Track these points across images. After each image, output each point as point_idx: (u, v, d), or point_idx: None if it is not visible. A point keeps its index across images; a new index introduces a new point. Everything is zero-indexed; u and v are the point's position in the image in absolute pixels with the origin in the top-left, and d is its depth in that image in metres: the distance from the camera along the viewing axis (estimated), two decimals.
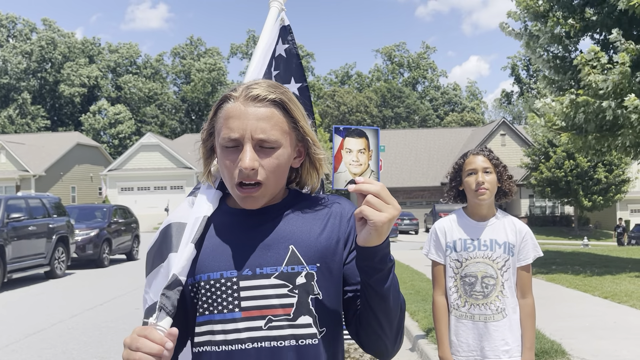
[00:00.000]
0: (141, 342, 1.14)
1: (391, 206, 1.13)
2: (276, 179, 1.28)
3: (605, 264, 13.26)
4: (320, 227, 1.31)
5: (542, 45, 12.17)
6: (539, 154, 32.70)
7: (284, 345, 1.22)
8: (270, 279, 1.24)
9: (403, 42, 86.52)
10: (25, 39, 70.81)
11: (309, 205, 1.35)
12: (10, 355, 6.24)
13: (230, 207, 1.36)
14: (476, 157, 2.56)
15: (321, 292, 1.26)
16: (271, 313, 1.23)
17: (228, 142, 1.25)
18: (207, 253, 1.29)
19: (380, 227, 1.12)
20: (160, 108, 72.11)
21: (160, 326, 1.19)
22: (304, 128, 1.30)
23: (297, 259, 1.26)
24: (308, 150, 1.33)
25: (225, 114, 1.26)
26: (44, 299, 10.25)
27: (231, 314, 1.24)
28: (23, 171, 40.20)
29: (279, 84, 1.32)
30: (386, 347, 1.29)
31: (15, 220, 11.71)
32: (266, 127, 1.23)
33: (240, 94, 1.27)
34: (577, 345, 5.86)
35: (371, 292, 1.21)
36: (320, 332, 1.26)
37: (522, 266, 2.60)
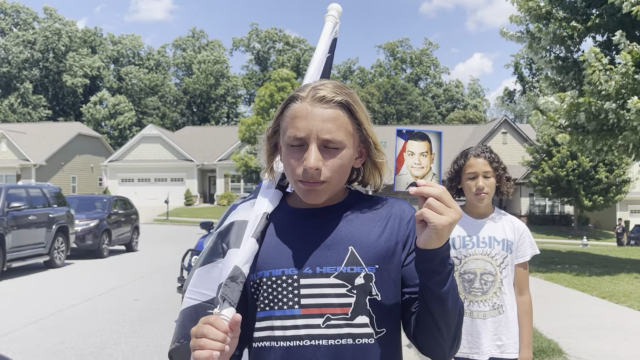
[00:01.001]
0: (206, 329, 1.17)
1: (452, 209, 1.14)
2: (339, 178, 1.31)
3: (604, 264, 13.28)
4: (380, 229, 1.34)
5: (544, 47, 12.16)
6: (542, 151, 32.67)
7: (341, 343, 1.25)
8: (330, 279, 1.28)
9: (406, 38, 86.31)
10: (29, 28, 70.68)
11: (369, 207, 1.38)
12: (9, 344, 6.26)
13: (291, 207, 1.40)
14: (477, 160, 2.56)
15: (380, 294, 1.29)
16: (330, 312, 1.26)
17: (294, 141, 1.28)
18: (269, 250, 1.33)
19: (441, 230, 1.13)
20: (162, 100, 72.03)
21: (224, 315, 1.23)
22: (367, 130, 1.33)
23: (357, 260, 1.29)
24: (370, 150, 1.36)
25: (292, 114, 1.30)
26: (43, 288, 10.27)
27: (291, 311, 1.28)
28: (24, 160, 40.22)
29: (345, 86, 1.36)
30: (443, 350, 1.30)
31: (15, 210, 11.72)
32: (332, 128, 1.27)
33: (307, 94, 1.30)
34: (574, 344, 5.87)
35: (430, 294, 1.23)
36: (377, 333, 1.28)
37: (519, 263, 2.63)
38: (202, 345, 1.16)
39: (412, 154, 1.18)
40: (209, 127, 56.60)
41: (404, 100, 74.07)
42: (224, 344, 1.17)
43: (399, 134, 1.19)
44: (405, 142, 1.18)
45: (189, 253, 7.69)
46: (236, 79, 76.45)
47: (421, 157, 1.19)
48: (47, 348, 6.14)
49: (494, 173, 2.56)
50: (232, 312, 1.25)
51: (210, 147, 44.72)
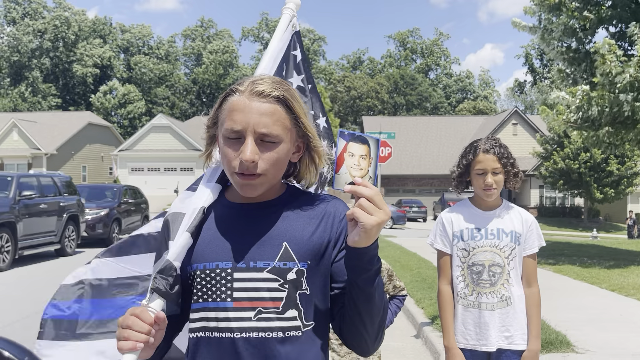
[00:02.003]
0: (131, 320, 1.21)
1: (382, 211, 1.18)
2: (275, 172, 1.33)
3: (614, 257, 13.21)
4: (314, 227, 1.37)
5: (555, 38, 12.05)
6: (553, 143, 32.43)
7: (271, 336, 1.29)
8: (263, 273, 1.31)
9: (417, 28, 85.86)
10: (39, 17, 70.92)
11: (305, 204, 1.41)
12: (20, 332, 6.33)
13: (229, 201, 1.43)
14: (486, 156, 2.55)
15: (309, 288, 1.33)
16: (261, 305, 1.29)
17: (231, 134, 1.30)
18: (205, 244, 1.36)
19: (369, 230, 1.17)
20: (171, 89, 72.15)
21: (151, 308, 1.26)
22: (304, 124, 1.35)
23: (290, 256, 1.32)
24: (308, 144, 1.39)
25: (230, 107, 1.32)
26: (54, 276, 10.37)
27: (223, 303, 1.31)
28: (35, 149, 40.49)
29: (284, 81, 1.38)
30: (367, 344, 1.35)
31: (26, 198, 11.82)
32: (268, 122, 1.29)
33: (245, 88, 1.32)
34: (582, 337, 5.86)
35: (357, 291, 1.27)
36: (305, 326, 1.32)
37: (528, 255, 2.62)
38: (126, 336, 1.19)
39: (353, 155, 1.22)
40: None
41: (414, 91, 73.69)
42: (149, 336, 1.20)
43: (341, 135, 1.22)
44: (347, 144, 1.22)
45: None
46: (245, 69, 76.39)
47: (360, 159, 1.23)
48: None
49: (503, 169, 2.56)
50: (160, 305, 1.29)
51: None
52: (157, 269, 1.34)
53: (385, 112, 69.14)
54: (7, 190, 11.59)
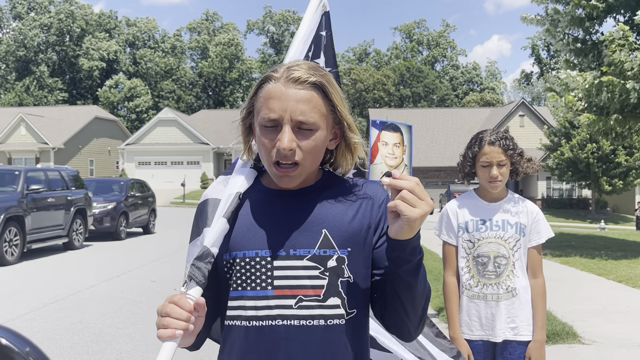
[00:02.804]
0: (170, 307, 1.19)
1: (424, 202, 1.15)
2: (312, 160, 1.31)
3: (621, 248, 13.17)
4: (353, 212, 1.35)
5: (562, 29, 11.95)
6: (560, 134, 32.25)
7: (312, 324, 1.28)
8: (303, 261, 1.29)
9: (423, 19, 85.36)
10: (45, 11, 71.03)
11: (343, 190, 1.39)
12: (29, 323, 6.39)
13: (265, 187, 1.40)
14: (491, 148, 2.54)
15: (352, 276, 1.31)
16: (302, 293, 1.28)
17: (267, 122, 1.28)
18: (243, 231, 1.34)
19: (413, 222, 1.14)
20: (177, 83, 72.17)
21: (189, 294, 1.24)
22: (341, 112, 1.33)
23: (330, 243, 1.30)
24: (344, 133, 1.36)
25: (266, 94, 1.29)
26: (62, 269, 10.44)
27: (264, 292, 1.29)
28: (42, 144, 40.68)
29: (320, 67, 1.35)
30: (409, 331, 1.33)
31: (34, 192, 11.89)
32: (305, 109, 1.27)
33: (281, 75, 1.30)
34: (589, 328, 5.85)
35: (399, 281, 1.25)
36: (348, 314, 1.30)
37: (533, 246, 2.62)
38: (165, 324, 1.18)
39: (386, 144, 1.20)
40: (224, 111, 56.70)
41: (420, 83, 73.41)
42: (188, 323, 1.18)
43: (373, 124, 1.20)
44: (379, 133, 1.19)
45: None
46: (251, 62, 76.30)
47: (394, 148, 1.20)
48: (66, 327, 6.26)
49: (509, 160, 2.55)
50: (199, 292, 1.26)
51: (226, 131, 44.80)
52: (194, 255, 1.32)
53: (391, 105, 68.94)
54: (15, 185, 11.66)
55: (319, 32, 1.85)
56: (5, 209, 10.88)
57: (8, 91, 66.26)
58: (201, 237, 1.38)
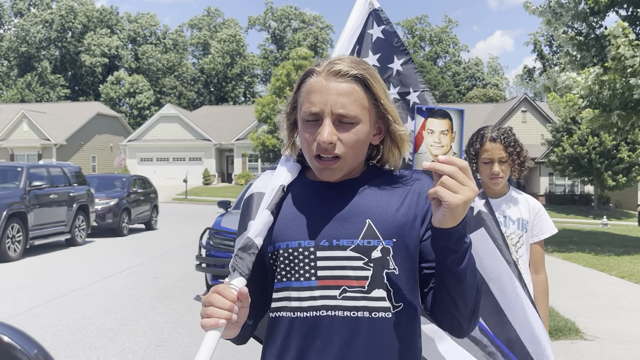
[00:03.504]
0: (213, 297, 1.19)
1: (467, 187, 1.11)
2: (354, 154, 1.30)
3: (624, 244, 13.15)
4: (398, 203, 1.32)
5: (565, 23, 11.91)
6: (561, 130, 32.19)
7: (357, 316, 1.25)
8: (347, 251, 1.27)
9: (425, 15, 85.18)
10: (45, 7, 71.01)
11: (388, 181, 1.37)
12: (32, 319, 6.41)
13: (309, 179, 1.40)
14: (493, 145, 2.54)
15: (398, 268, 1.28)
16: (346, 284, 1.26)
17: (309, 116, 1.28)
18: (286, 222, 1.34)
19: (454, 209, 1.11)
20: (179, 79, 72.15)
21: (232, 285, 1.24)
22: (384, 105, 1.30)
23: (374, 233, 1.28)
24: (389, 127, 1.34)
25: (308, 88, 1.29)
26: (65, 265, 10.46)
27: (307, 282, 1.28)
28: (45, 140, 40.72)
29: (362, 60, 1.34)
30: (460, 326, 1.29)
31: (37, 188, 11.90)
32: (346, 102, 1.26)
33: (323, 69, 1.30)
34: (591, 324, 5.85)
35: (446, 272, 1.22)
36: (395, 307, 1.27)
37: (535, 242, 2.62)
38: (209, 313, 1.18)
39: (432, 132, 1.15)
40: (226, 107, 56.67)
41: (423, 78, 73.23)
42: (231, 312, 1.18)
43: (418, 112, 1.15)
44: (425, 120, 1.15)
45: (207, 231, 7.76)
46: (252, 58, 76.21)
47: (441, 136, 1.15)
48: (68, 324, 6.28)
49: (509, 158, 2.54)
50: (242, 282, 1.26)
51: (228, 127, 44.83)
52: (238, 246, 1.32)
53: None
54: (17, 181, 11.67)
55: (366, 31, 1.85)
56: (8, 206, 10.90)
57: (10, 87, 66.30)
58: (247, 230, 1.38)
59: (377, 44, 1.85)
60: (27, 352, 1.16)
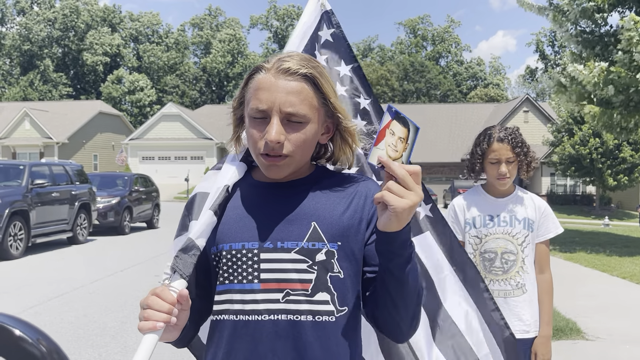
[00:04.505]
0: (151, 300, 1.17)
1: (413, 192, 1.11)
2: (302, 153, 1.28)
3: (625, 244, 13.14)
4: (344, 206, 1.30)
5: (570, 20, 11.86)
6: (563, 130, 32.16)
7: (300, 319, 1.23)
8: (291, 254, 1.25)
9: (427, 14, 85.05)
10: (49, 6, 71.06)
11: (335, 183, 1.34)
12: (34, 317, 6.41)
13: (255, 180, 1.37)
14: (500, 145, 2.53)
15: (342, 271, 1.26)
16: (289, 287, 1.24)
17: (256, 113, 1.25)
18: (230, 223, 1.31)
19: (400, 214, 1.10)
20: (181, 78, 72.17)
21: (172, 287, 1.21)
22: (334, 104, 1.29)
23: (319, 236, 1.26)
24: (338, 125, 1.33)
25: (256, 85, 1.27)
26: (66, 264, 10.48)
27: (250, 285, 1.25)
28: (47, 138, 40.74)
29: (312, 58, 1.32)
30: (401, 330, 1.29)
31: (39, 187, 11.92)
32: (295, 101, 1.23)
33: (272, 65, 1.27)
34: (592, 324, 5.85)
35: (390, 276, 1.21)
36: (338, 311, 1.25)
37: (540, 242, 2.61)
38: (146, 316, 1.16)
39: (393, 134, 1.17)
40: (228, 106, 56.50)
41: (423, 78, 73.22)
42: (170, 315, 1.16)
43: (388, 110, 1.17)
44: (391, 120, 1.17)
45: None
46: (254, 57, 76.20)
47: (398, 141, 1.17)
48: (70, 322, 6.29)
49: (516, 158, 2.54)
50: (183, 285, 1.23)
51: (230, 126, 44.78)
52: (179, 247, 1.29)
53: (395, 100, 68.81)
54: (19, 179, 11.69)
55: (316, 32, 1.84)
56: (10, 204, 10.91)
57: (12, 86, 66.37)
58: (188, 231, 1.36)
59: (326, 46, 1.85)
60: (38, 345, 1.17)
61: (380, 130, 1.16)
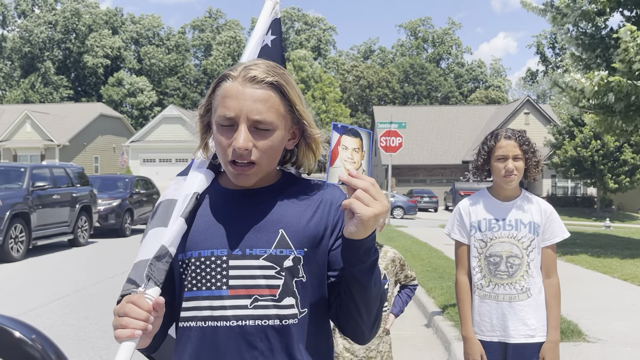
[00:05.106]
0: (129, 307, 1.18)
1: (379, 202, 1.15)
2: (269, 160, 1.31)
3: (627, 246, 13.11)
4: (310, 213, 1.34)
5: (570, 22, 11.86)
6: (564, 132, 32.15)
7: (268, 324, 1.27)
8: (259, 260, 1.28)
9: (428, 17, 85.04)
10: (50, 9, 71.16)
11: (301, 190, 1.38)
12: (35, 320, 6.41)
13: (222, 187, 1.39)
14: (507, 142, 2.52)
15: (305, 276, 1.30)
16: (258, 293, 1.27)
17: (224, 121, 1.27)
18: (199, 231, 1.33)
19: (366, 221, 1.15)
20: (182, 80, 72.26)
21: (148, 294, 1.22)
22: (299, 111, 1.32)
23: (286, 243, 1.29)
24: (304, 132, 1.35)
25: (223, 93, 1.29)
26: (67, 266, 10.48)
27: (218, 291, 1.28)
28: (48, 141, 40.78)
29: (278, 66, 1.34)
30: (363, 333, 1.34)
31: (40, 189, 11.93)
32: (262, 109, 1.26)
33: (238, 74, 1.29)
34: (594, 326, 5.84)
35: (353, 281, 1.25)
36: (300, 313, 1.29)
37: (547, 246, 2.58)
38: (123, 324, 1.16)
39: (346, 149, 1.20)
40: None
41: (424, 81, 73.25)
42: (147, 323, 1.17)
43: (334, 128, 1.20)
44: (340, 137, 1.20)
45: None
46: None
47: (353, 153, 1.21)
48: (71, 324, 6.29)
49: (524, 156, 2.53)
50: (157, 292, 1.25)
51: None
52: (153, 255, 1.30)
53: (396, 102, 68.83)
54: (20, 182, 11.70)
55: (268, 37, 1.85)
56: (11, 206, 10.92)
57: (14, 88, 66.45)
58: (148, 236, 1.37)
59: (264, 51, 1.85)
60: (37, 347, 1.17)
61: (332, 149, 1.19)
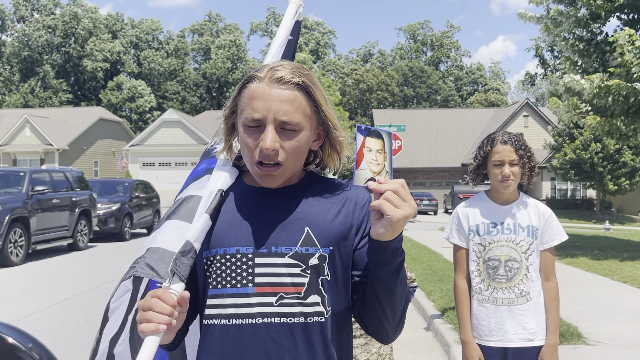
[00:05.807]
0: (153, 302, 1.18)
1: (408, 204, 1.16)
2: (295, 161, 1.31)
3: (626, 249, 13.11)
4: (335, 211, 1.34)
5: (565, 29, 11.88)
6: (564, 134, 32.16)
7: (293, 321, 1.27)
8: (285, 258, 1.28)
9: (427, 20, 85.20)
10: (49, 13, 71.24)
11: (326, 189, 1.38)
12: (34, 324, 6.41)
13: (247, 185, 1.40)
14: (504, 147, 2.52)
15: (330, 274, 1.31)
16: (283, 290, 1.27)
17: (251, 122, 1.28)
18: (224, 228, 1.33)
19: (395, 223, 1.15)
20: (182, 84, 72.28)
21: (173, 289, 1.23)
22: (325, 112, 1.32)
23: (312, 241, 1.30)
24: (328, 133, 1.36)
25: (250, 94, 1.29)
26: (67, 270, 10.47)
27: (244, 289, 1.28)
28: (47, 145, 40.77)
29: (303, 66, 1.35)
30: (387, 333, 1.34)
31: (39, 193, 11.93)
32: (289, 109, 1.26)
33: (265, 75, 1.29)
34: (594, 328, 5.84)
35: (379, 282, 1.25)
36: (327, 311, 1.30)
37: (545, 249, 2.58)
38: (148, 318, 1.17)
39: (370, 150, 1.20)
40: None
41: (423, 84, 73.31)
42: (171, 317, 1.17)
43: (359, 130, 1.20)
44: (364, 139, 1.20)
45: None
46: (254, 63, 76.31)
47: (377, 154, 1.21)
48: (71, 328, 6.28)
49: (520, 161, 2.53)
50: (182, 287, 1.25)
51: None
52: (179, 250, 1.31)
53: (395, 105, 68.86)
54: (20, 186, 11.70)
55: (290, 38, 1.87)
56: (11, 210, 10.92)
57: (13, 93, 66.47)
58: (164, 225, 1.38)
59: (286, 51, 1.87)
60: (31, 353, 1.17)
61: (357, 152, 1.19)
